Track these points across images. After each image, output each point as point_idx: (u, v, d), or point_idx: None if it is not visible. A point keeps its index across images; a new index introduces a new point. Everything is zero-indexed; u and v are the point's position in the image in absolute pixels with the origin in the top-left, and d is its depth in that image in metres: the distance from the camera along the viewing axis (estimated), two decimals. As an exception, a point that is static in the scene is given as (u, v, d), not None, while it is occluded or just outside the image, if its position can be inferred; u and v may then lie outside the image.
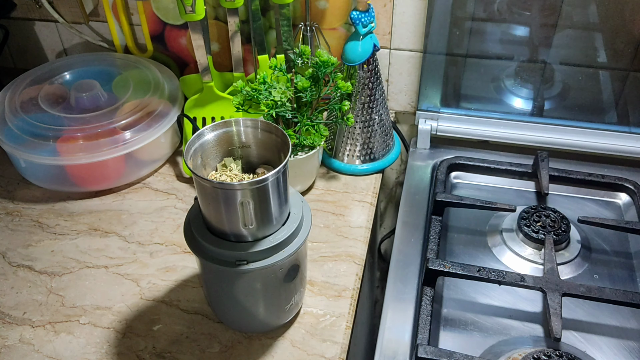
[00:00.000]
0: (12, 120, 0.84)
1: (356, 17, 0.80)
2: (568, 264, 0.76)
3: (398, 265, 0.77)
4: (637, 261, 0.78)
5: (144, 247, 0.79)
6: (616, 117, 0.92)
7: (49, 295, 0.73)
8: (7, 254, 0.79)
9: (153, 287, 0.73)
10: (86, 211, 0.84)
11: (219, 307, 0.66)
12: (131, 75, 0.93)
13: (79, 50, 1.09)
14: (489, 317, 0.71)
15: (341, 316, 0.69)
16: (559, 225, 0.78)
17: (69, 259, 0.78)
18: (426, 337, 0.66)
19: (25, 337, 0.68)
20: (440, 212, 0.81)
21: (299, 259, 0.62)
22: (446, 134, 0.96)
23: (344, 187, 0.87)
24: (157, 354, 0.66)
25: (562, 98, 0.92)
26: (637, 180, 0.86)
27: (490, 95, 0.95)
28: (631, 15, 0.82)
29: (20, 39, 1.10)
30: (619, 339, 0.69)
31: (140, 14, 0.97)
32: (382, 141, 0.89)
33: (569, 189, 0.88)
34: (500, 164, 0.89)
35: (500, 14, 0.87)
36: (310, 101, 0.79)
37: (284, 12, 0.82)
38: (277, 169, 0.54)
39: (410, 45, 0.93)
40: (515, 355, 0.65)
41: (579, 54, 0.87)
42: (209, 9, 0.94)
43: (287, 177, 0.57)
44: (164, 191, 0.87)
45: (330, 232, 0.80)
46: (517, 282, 0.69)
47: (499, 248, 0.79)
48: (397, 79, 0.98)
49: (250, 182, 0.53)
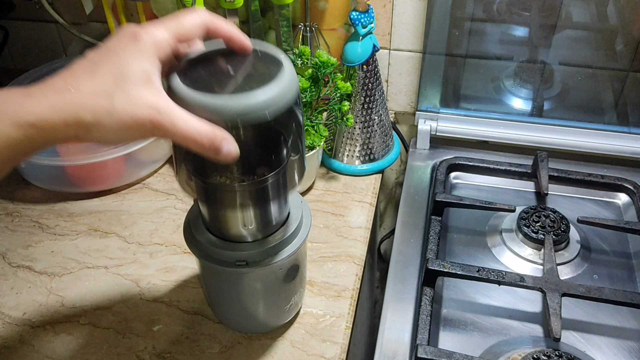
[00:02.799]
0: (12, 121, 0.84)
1: (356, 18, 0.80)
2: (567, 264, 0.76)
3: (398, 265, 0.77)
4: (637, 261, 0.78)
5: (144, 247, 0.79)
6: (615, 118, 0.92)
7: (48, 296, 0.73)
8: (7, 255, 0.79)
9: (153, 287, 0.73)
10: (86, 212, 0.84)
11: (219, 307, 0.66)
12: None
13: (78, 51, 1.09)
14: (489, 317, 0.71)
15: (341, 316, 0.69)
16: (559, 226, 0.78)
17: (69, 259, 0.78)
18: (426, 337, 0.66)
19: (25, 338, 0.68)
20: (439, 213, 0.81)
21: (299, 259, 0.62)
22: (446, 135, 0.96)
23: (343, 187, 0.87)
24: (157, 354, 0.66)
25: (562, 98, 0.92)
26: (637, 180, 0.86)
27: (489, 96, 0.95)
28: (631, 15, 0.82)
29: (20, 40, 1.10)
30: (618, 339, 0.69)
31: (140, 14, 0.97)
32: (382, 141, 0.89)
33: (568, 189, 0.88)
34: (500, 164, 0.89)
35: (499, 15, 0.87)
36: (310, 101, 0.79)
37: (283, 12, 0.82)
38: (277, 169, 0.54)
39: (409, 45, 0.93)
40: (515, 356, 0.65)
41: (578, 55, 0.87)
42: (209, 10, 0.94)
43: (287, 178, 0.57)
44: (164, 192, 0.87)
45: (330, 232, 0.80)
46: (517, 283, 0.69)
47: (498, 248, 0.79)
48: (396, 80, 0.98)
49: (249, 183, 0.54)
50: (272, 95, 0.46)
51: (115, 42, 0.45)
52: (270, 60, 0.49)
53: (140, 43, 0.44)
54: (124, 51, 0.44)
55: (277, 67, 0.48)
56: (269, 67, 0.48)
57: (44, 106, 0.42)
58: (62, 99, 0.42)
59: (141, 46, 0.44)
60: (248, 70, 0.49)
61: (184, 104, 0.45)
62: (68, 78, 0.44)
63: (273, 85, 0.46)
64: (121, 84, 0.42)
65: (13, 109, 0.42)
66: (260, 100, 0.45)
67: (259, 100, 0.45)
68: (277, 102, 0.46)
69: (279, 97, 0.46)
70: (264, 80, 0.46)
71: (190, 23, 0.46)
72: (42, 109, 0.42)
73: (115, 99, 0.42)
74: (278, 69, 0.48)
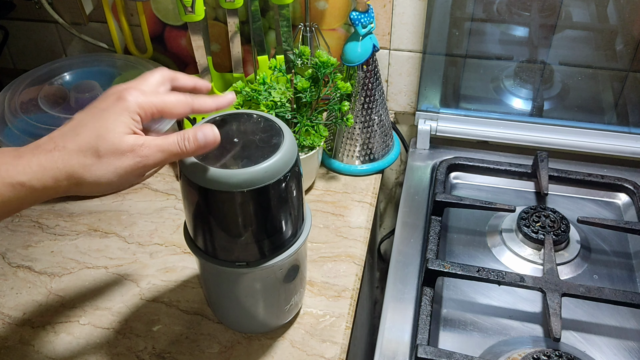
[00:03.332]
0: (12, 121, 0.84)
1: (356, 18, 0.80)
2: (567, 264, 0.76)
3: (398, 265, 0.77)
4: (637, 261, 0.78)
5: (144, 247, 0.79)
6: (615, 118, 0.92)
7: (48, 296, 0.73)
8: (7, 255, 0.79)
9: (153, 287, 0.73)
10: (86, 212, 0.84)
11: (219, 307, 0.66)
12: (131, 76, 0.93)
13: (78, 51, 1.09)
14: (489, 317, 0.71)
15: (341, 316, 0.69)
16: (559, 226, 0.78)
17: (69, 259, 0.78)
18: (426, 337, 0.66)
19: (25, 338, 0.68)
20: (439, 213, 0.81)
21: (299, 259, 0.62)
22: (446, 135, 0.96)
23: (343, 187, 0.87)
24: (156, 354, 0.66)
25: (562, 98, 0.92)
26: (637, 180, 0.86)
27: (489, 96, 0.95)
28: (631, 15, 0.82)
29: (20, 40, 1.10)
30: (618, 339, 0.69)
31: (140, 14, 0.97)
32: (382, 142, 0.89)
33: (568, 189, 0.88)
34: (500, 164, 0.89)
35: (499, 15, 0.87)
36: (310, 102, 0.79)
37: (283, 12, 0.82)
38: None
39: (409, 45, 0.93)
40: (515, 356, 0.65)
41: (578, 55, 0.87)
42: (209, 10, 0.94)
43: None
44: (164, 192, 0.87)
45: (329, 232, 0.80)
46: (517, 283, 0.69)
47: (498, 248, 0.79)
48: (396, 80, 0.98)
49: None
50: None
51: (102, 103, 0.50)
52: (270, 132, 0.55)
53: (125, 102, 0.49)
54: (109, 109, 0.49)
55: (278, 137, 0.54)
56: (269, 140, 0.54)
57: (34, 166, 0.47)
58: (51, 158, 0.47)
59: (126, 105, 0.49)
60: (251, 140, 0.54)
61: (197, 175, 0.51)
62: (56, 138, 0.48)
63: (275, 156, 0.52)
64: (104, 136, 0.47)
65: (5, 169, 0.46)
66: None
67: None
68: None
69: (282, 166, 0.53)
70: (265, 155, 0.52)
71: (156, 79, 0.53)
72: (32, 168, 0.46)
73: (100, 151, 0.47)
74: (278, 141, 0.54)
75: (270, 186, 0.52)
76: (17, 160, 0.47)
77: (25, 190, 0.47)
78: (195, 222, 0.56)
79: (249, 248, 0.56)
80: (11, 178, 0.46)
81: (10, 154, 0.48)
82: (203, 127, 0.50)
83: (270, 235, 0.56)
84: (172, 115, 0.51)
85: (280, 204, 0.55)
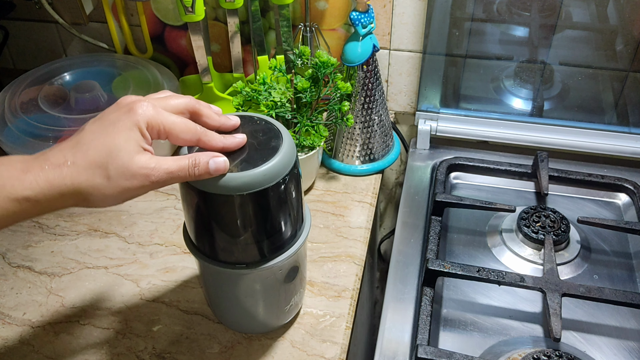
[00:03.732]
0: (12, 121, 0.84)
1: (356, 18, 0.80)
2: (568, 264, 0.76)
3: (398, 265, 0.77)
4: (637, 261, 0.78)
5: (144, 247, 0.79)
6: (616, 118, 0.92)
7: (48, 296, 0.73)
8: (7, 255, 0.79)
9: (153, 287, 0.73)
10: (86, 212, 0.84)
11: (219, 308, 0.66)
12: (131, 76, 0.93)
13: (78, 51, 1.09)
14: (489, 317, 0.71)
15: (341, 316, 0.69)
16: (559, 226, 0.78)
17: (69, 259, 0.78)
18: (426, 337, 0.66)
19: (25, 338, 0.68)
20: (440, 213, 0.81)
21: (299, 259, 0.62)
22: (446, 135, 0.96)
23: (343, 187, 0.87)
24: (156, 354, 0.66)
25: (562, 98, 0.92)
26: (637, 180, 0.86)
27: (489, 96, 0.95)
28: (631, 15, 0.82)
29: (20, 40, 1.10)
30: (618, 339, 0.69)
31: (140, 14, 0.97)
32: (382, 142, 0.89)
33: (568, 189, 0.88)
34: (500, 164, 0.89)
35: (499, 15, 0.87)
36: (310, 102, 0.79)
37: (283, 12, 0.82)
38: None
39: (409, 45, 0.93)
40: (515, 356, 0.65)
41: (578, 55, 0.87)
42: (209, 10, 0.94)
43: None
44: (164, 192, 0.87)
45: (330, 232, 0.80)
46: (517, 283, 0.69)
47: (498, 248, 0.79)
48: (396, 80, 0.98)
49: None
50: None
51: (113, 113, 0.50)
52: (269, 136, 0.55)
53: (135, 115, 0.48)
54: (119, 122, 0.48)
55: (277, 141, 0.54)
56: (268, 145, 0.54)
57: (41, 182, 0.47)
58: (60, 174, 0.47)
59: (136, 118, 0.48)
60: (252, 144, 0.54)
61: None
62: (66, 151, 0.48)
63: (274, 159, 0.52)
64: (115, 155, 0.47)
65: (11, 184, 0.46)
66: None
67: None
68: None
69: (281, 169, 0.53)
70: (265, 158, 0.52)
71: (177, 103, 0.52)
72: (40, 184, 0.46)
73: (110, 171, 0.47)
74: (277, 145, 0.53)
75: (270, 189, 0.52)
76: (24, 175, 0.47)
77: (31, 205, 0.47)
78: (194, 224, 0.56)
79: (248, 249, 0.56)
80: (17, 193, 0.46)
81: (17, 166, 0.47)
82: (215, 156, 0.50)
83: (270, 237, 0.56)
84: (177, 141, 0.50)
85: (280, 206, 0.55)
